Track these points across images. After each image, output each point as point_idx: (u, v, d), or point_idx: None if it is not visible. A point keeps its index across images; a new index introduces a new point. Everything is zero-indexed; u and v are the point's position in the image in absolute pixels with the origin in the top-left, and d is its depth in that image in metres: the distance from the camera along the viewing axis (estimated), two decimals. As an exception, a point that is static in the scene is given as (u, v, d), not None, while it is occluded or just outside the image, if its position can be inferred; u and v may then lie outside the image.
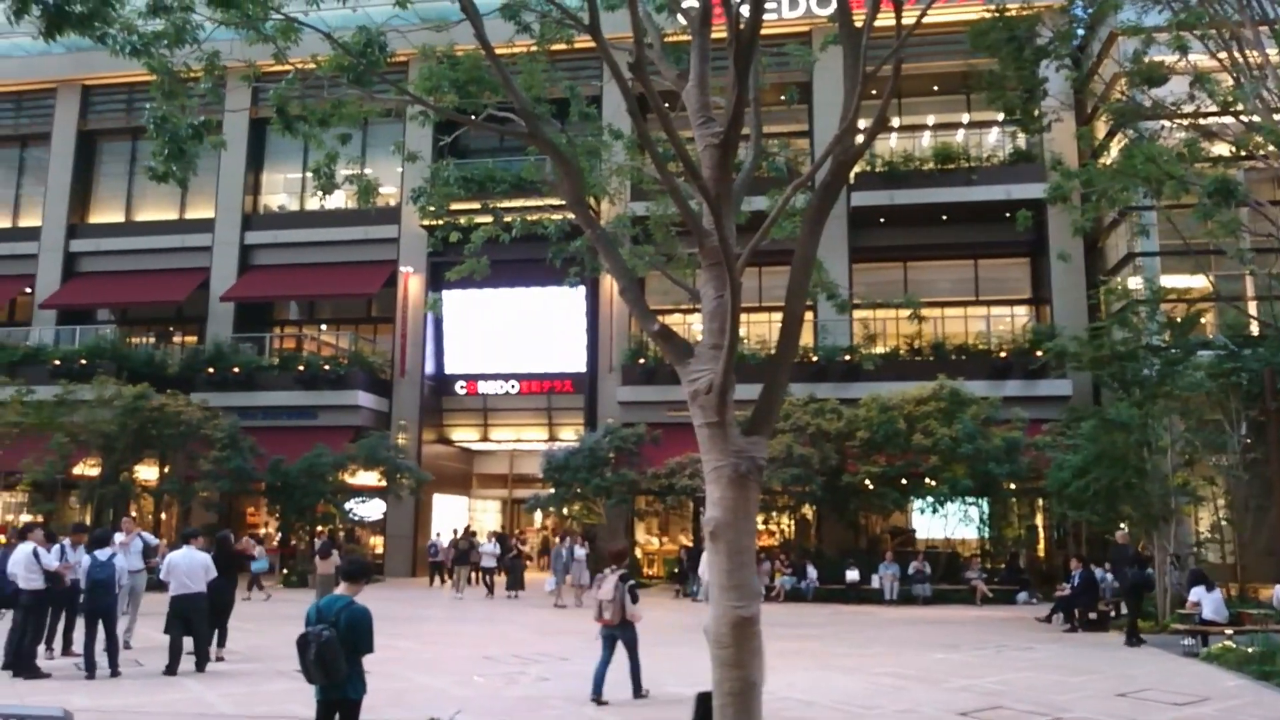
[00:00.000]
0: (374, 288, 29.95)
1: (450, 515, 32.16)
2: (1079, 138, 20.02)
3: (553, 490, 25.83)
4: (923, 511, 24.70)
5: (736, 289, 5.90)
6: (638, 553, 28.08)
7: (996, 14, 13.61)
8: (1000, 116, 24.78)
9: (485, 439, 31.87)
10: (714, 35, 7.05)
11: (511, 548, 25.19)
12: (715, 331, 6.35)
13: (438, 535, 27.71)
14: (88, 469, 25.18)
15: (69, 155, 32.64)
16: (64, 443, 23.98)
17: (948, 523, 24.00)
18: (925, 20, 7.26)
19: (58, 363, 27.94)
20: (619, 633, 10.11)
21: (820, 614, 20.19)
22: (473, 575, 24.58)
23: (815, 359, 25.89)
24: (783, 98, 18.84)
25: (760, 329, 28.15)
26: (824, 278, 10.35)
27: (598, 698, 9.93)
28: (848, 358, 25.93)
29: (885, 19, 6.99)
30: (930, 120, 29.88)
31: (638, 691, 10.23)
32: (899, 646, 15.20)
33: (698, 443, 6.54)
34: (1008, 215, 17.49)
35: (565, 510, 26.54)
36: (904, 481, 23.57)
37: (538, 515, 32.89)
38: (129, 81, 31.76)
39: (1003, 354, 25.99)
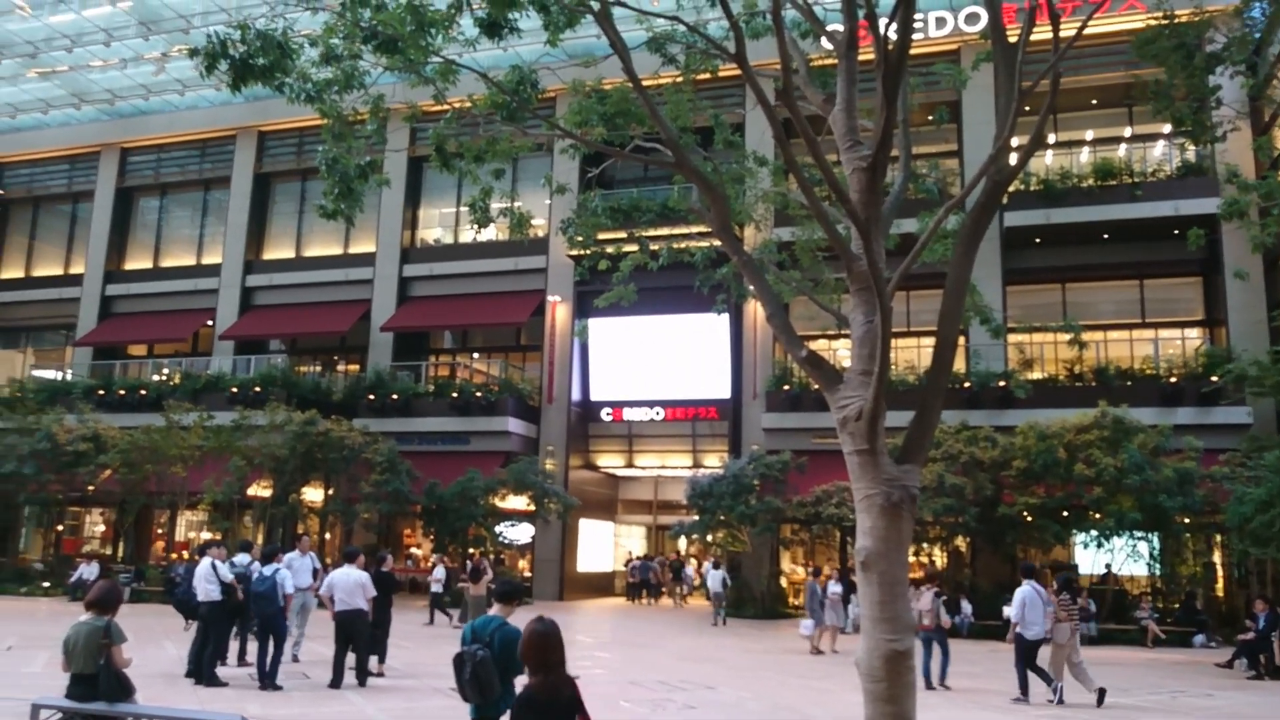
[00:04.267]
0: (523, 317, 30.79)
1: (597, 540, 32.61)
2: (1256, 148, 18.77)
3: (697, 517, 25.81)
4: (1086, 546, 23.40)
5: (887, 314, 5.79)
6: (783, 582, 27.68)
7: (1164, 21, 12.92)
8: (1167, 128, 23.55)
9: (630, 465, 32.16)
10: (860, 58, 6.99)
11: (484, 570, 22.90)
12: (865, 357, 6.24)
13: (639, 558, 30.47)
14: (260, 490, 26.74)
15: (246, 196, 35.06)
16: (240, 465, 25.59)
17: (1114, 558, 22.67)
18: (1083, 31, 6.98)
19: (235, 390, 29.87)
20: (935, 636, 13.80)
21: (976, 650, 19.36)
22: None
23: (968, 385, 25.02)
24: (930, 118, 18.45)
25: (909, 354, 27.46)
26: (978, 301, 10.01)
27: (929, 685, 13.45)
28: (1002, 384, 24.93)
29: (1040, 32, 6.77)
30: (1089, 135, 28.61)
31: (941, 680, 13.88)
32: (1066, 690, 14.38)
33: (847, 470, 6.42)
34: (1176, 232, 16.55)
35: (710, 537, 26.46)
36: (1065, 514, 22.40)
37: (682, 541, 32.90)
38: (299, 126, 33.98)
39: (1173, 379, 24.46)
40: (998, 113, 6.30)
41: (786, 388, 27.31)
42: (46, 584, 26.60)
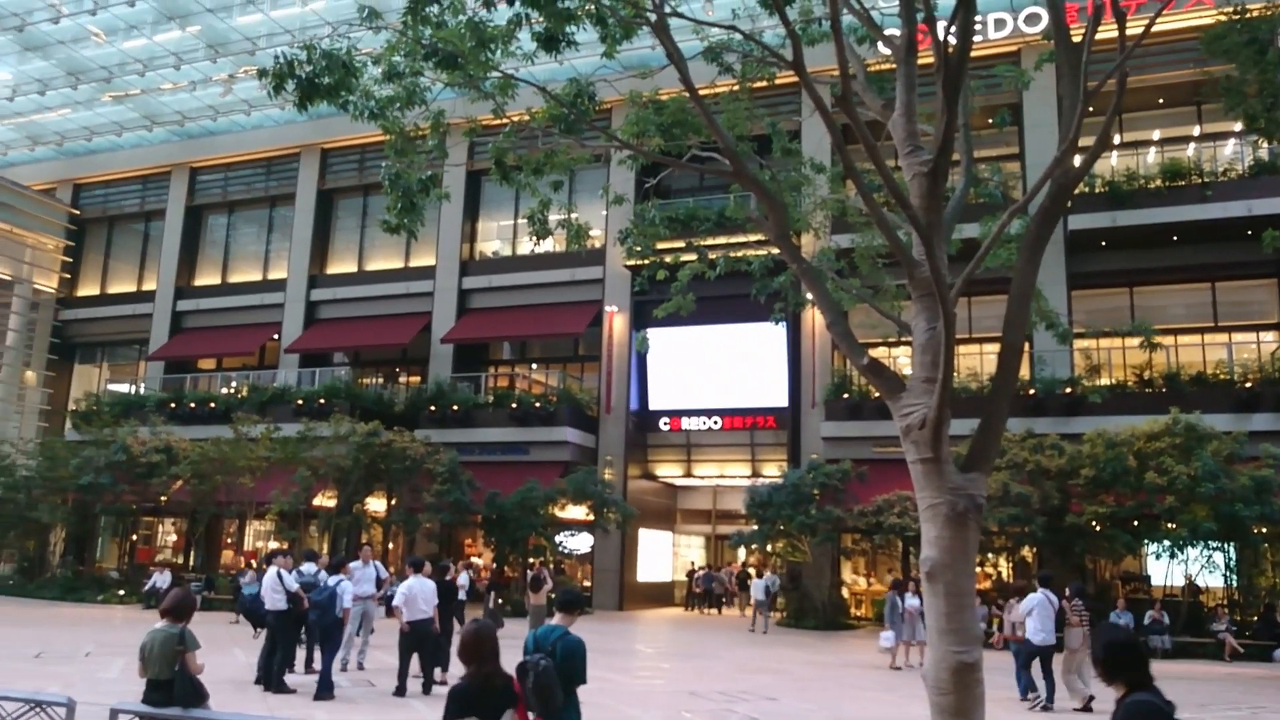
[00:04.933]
0: (581, 327, 30.97)
1: (655, 550, 32.59)
2: (1334, 145, 18.14)
3: (756, 527, 25.66)
4: (1158, 556, 22.76)
5: (950, 320, 5.71)
6: (844, 592, 27.37)
7: (1235, 16, 12.60)
8: (1238, 126, 22.90)
9: (689, 474, 32.11)
10: (919, 62, 6.92)
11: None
12: (928, 364, 6.16)
13: (703, 568, 30.96)
14: (326, 500, 27.23)
15: (310, 212, 35.84)
16: (306, 476, 26.08)
17: (1188, 569, 22.01)
18: (1150, 29, 6.83)
19: (300, 402, 30.49)
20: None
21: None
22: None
23: (1033, 392, 24.54)
24: (990, 121, 18.19)
25: (971, 361, 27.04)
26: (1043, 306, 9.83)
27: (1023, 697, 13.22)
28: (1068, 390, 24.41)
29: (1104, 31, 6.64)
30: (1156, 135, 27.95)
31: (1024, 695, 13.30)
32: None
33: (910, 479, 6.33)
34: (1249, 233, 16.04)
35: (769, 547, 26.29)
36: (1136, 523, 21.82)
37: (741, 551, 32.74)
38: (360, 143, 34.67)
39: (1248, 384, 23.70)
40: (1062, 114, 6.19)
41: (846, 396, 27.06)
42: (122, 591, 27.37)
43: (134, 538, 32.15)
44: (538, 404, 29.55)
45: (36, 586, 28.12)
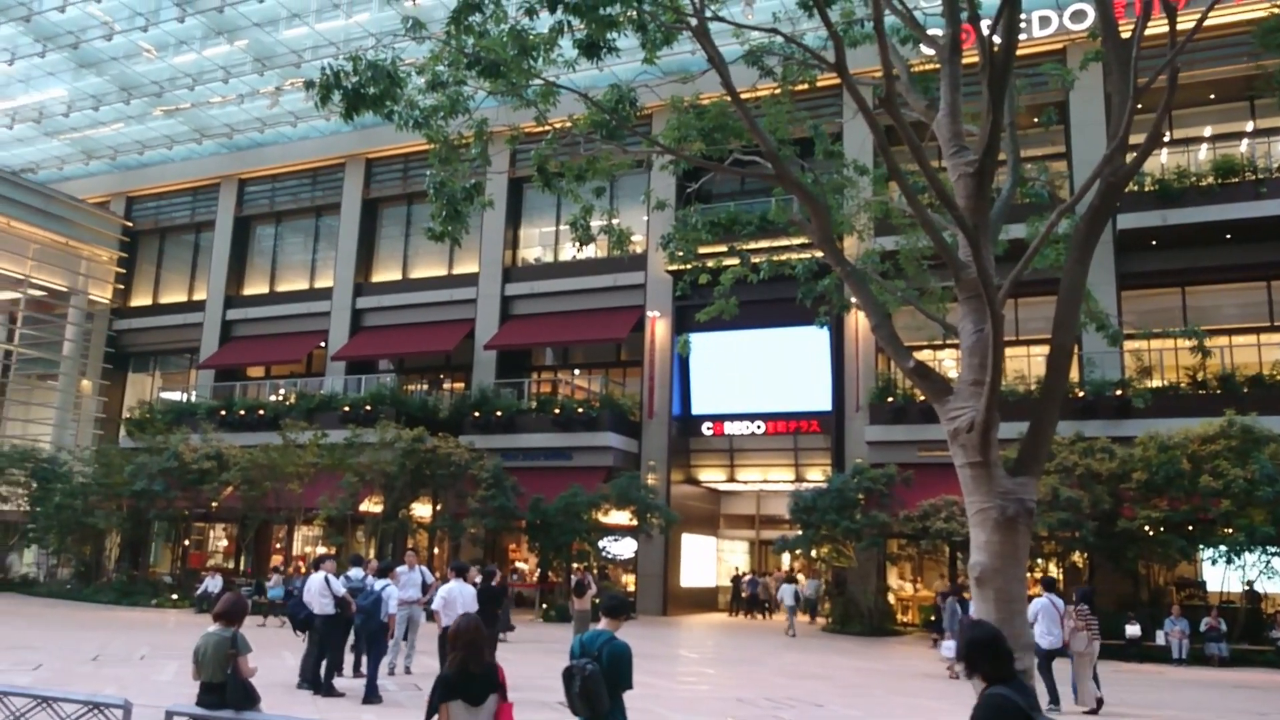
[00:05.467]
0: (623, 332, 31.01)
1: (699, 555, 32.51)
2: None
3: (800, 532, 25.50)
4: (1214, 562, 22.24)
5: (998, 322, 5.64)
6: (890, 598, 27.09)
7: (1287, 9, 12.30)
8: (1293, 121, 22.37)
9: (732, 479, 32.00)
10: (964, 61, 6.85)
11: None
12: (976, 367, 6.09)
13: (748, 574, 31.19)
14: (372, 506, 27.52)
15: (355, 222, 36.32)
16: (352, 482, 26.38)
17: (1245, 575, 21.48)
18: (1202, 24, 6.70)
19: (347, 409, 30.86)
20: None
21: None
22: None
23: (1082, 394, 24.12)
24: (1036, 120, 17.94)
25: (1018, 363, 26.65)
26: (1093, 307, 9.67)
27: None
28: (1119, 392, 23.96)
29: (1153, 27, 6.52)
30: (1207, 131, 27.37)
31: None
32: (1196, 711, 13.73)
33: (959, 483, 6.26)
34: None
35: (814, 553, 26.11)
36: (1190, 528, 21.35)
37: (785, 557, 32.55)
38: (404, 153, 35.08)
39: (1307, 385, 23.10)
40: (1112, 111, 6.11)
41: (890, 400, 26.82)
42: (175, 596, 27.87)
43: (186, 543, 32.75)
44: (580, 409, 29.62)
45: (93, 591, 28.73)
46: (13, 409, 39.67)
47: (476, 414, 30.48)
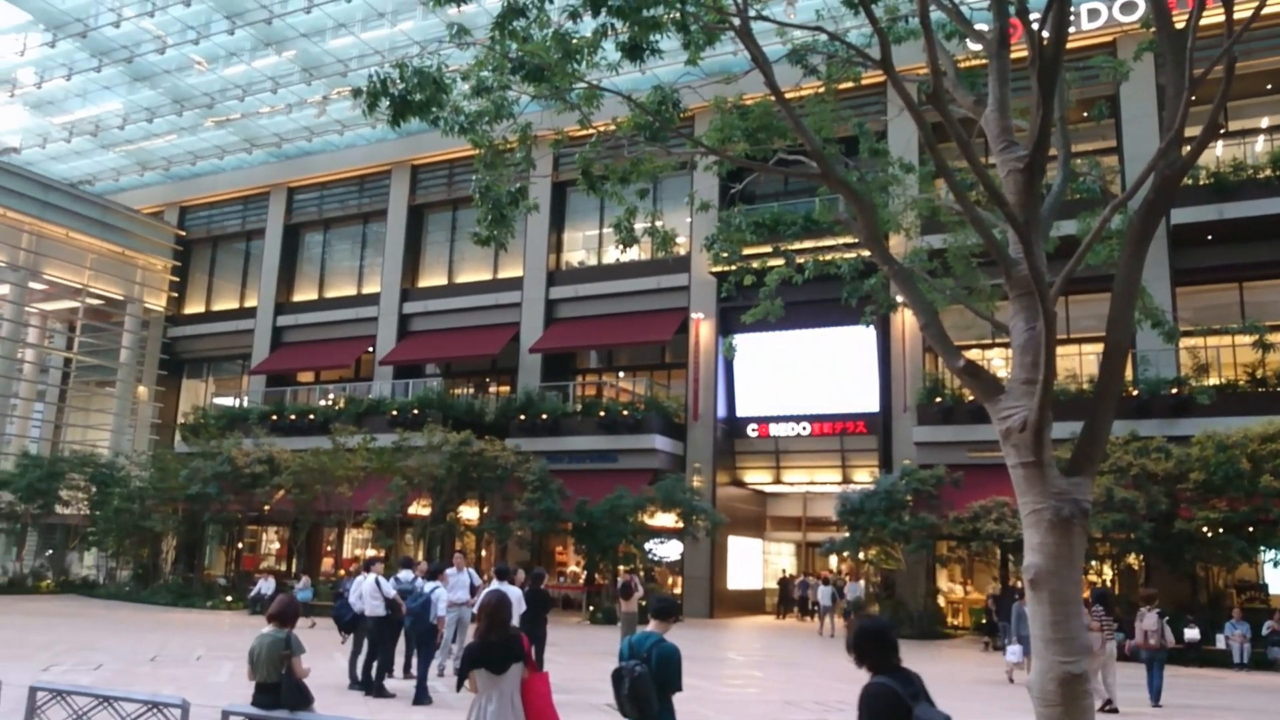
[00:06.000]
0: (667, 335, 31.00)
1: (745, 558, 32.39)
2: None
3: (848, 534, 25.29)
4: (1276, 564, 21.69)
5: (1051, 319, 5.54)
6: (940, 601, 26.75)
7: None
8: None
9: (778, 481, 31.84)
10: (1012, 55, 6.74)
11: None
12: (1028, 365, 5.98)
13: (799, 576, 31.38)
14: (420, 508, 27.79)
15: (401, 228, 36.74)
16: (401, 485, 26.66)
17: (1312, 577, 20.91)
18: (1260, 12, 6.53)
19: (394, 413, 31.20)
20: (1162, 655, 13.88)
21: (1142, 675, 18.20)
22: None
23: (1136, 393, 23.64)
24: (1085, 114, 17.60)
25: (1069, 362, 26.20)
26: (1148, 304, 9.47)
27: (1155, 702, 13.66)
28: (1174, 391, 23.45)
29: (1208, 16, 6.37)
30: (1264, 122, 26.70)
31: (1156, 700, 13.70)
32: (1259, 717, 13.37)
33: (1011, 484, 6.16)
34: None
35: (862, 555, 25.89)
36: (1251, 529, 20.82)
37: (833, 559, 32.30)
38: (449, 159, 35.43)
39: (1373, 382, 22.43)
40: (1167, 103, 5.97)
41: (939, 400, 26.51)
42: (229, 598, 28.37)
43: (239, 546, 33.34)
44: (625, 412, 29.66)
45: (150, 593, 29.35)
46: (73, 415, 40.75)
47: (522, 417, 30.65)
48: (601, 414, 29.88)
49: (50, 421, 40.40)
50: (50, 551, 34.81)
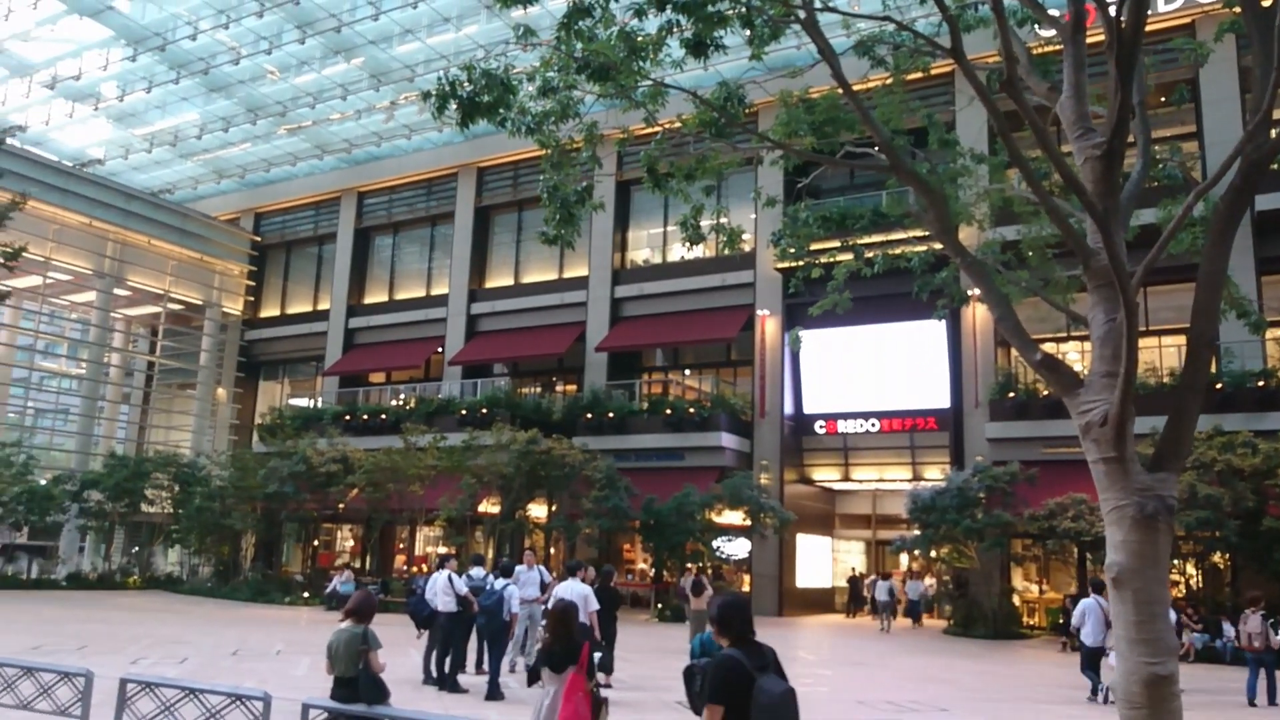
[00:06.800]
0: (733, 332, 30.88)
1: (814, 556, 32.12)
2: None
3: (919, 532, 24.91)
4: (1373, 563, 20.78)
5: (1133, 310, 5.39)
6: (1015, 600, 26.18)
7: None
8: None
9: (846, 478, 31.50)
10: (1088, 40, 6.57)
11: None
12: (1108, 358, 5.83)
13: (872, 575, 31.08)
14: (490, 506, 28.11)
15: (468, 229, 37.21)
16: (471, 483, 26.99)
17: None
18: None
19: (464, 412, 31.60)
20: (1267, 658, 13.99)
21: (1243, 677, 17.57)
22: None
23: (1220, 386, 22.85)
24: (1164, 99, 17.10)
25: (1148, 354, 25.42)
26: (1233, 293, 9.15)
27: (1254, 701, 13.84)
28: (1261, 384, 22.62)
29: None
30: (1357, 103, 25.55)
31: (1272, 700, 13.84)
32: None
33: (1089, 480, 6.01)
34: None
35: (934, 553, 25.48)
36: (1346, 527, 19.98)
37: (903, 558, 31.84)
38: (514, 160, 35.76)
39: None
40: (1254, 85, 5.76)
41: (1011, 395, 25.96)
42: (306, 594, 29.03)
43: (315, 543, 34.09)
44: (692, 410, 29.61)
45: (231, 589, 30.18)
46: (156, 417, 42.11)
47: (589, 416, 30.79)
48: (668, 412, 29.87)
49: (135, 423, 41.83)
50: (136, 549, 36.03)
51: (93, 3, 31.64)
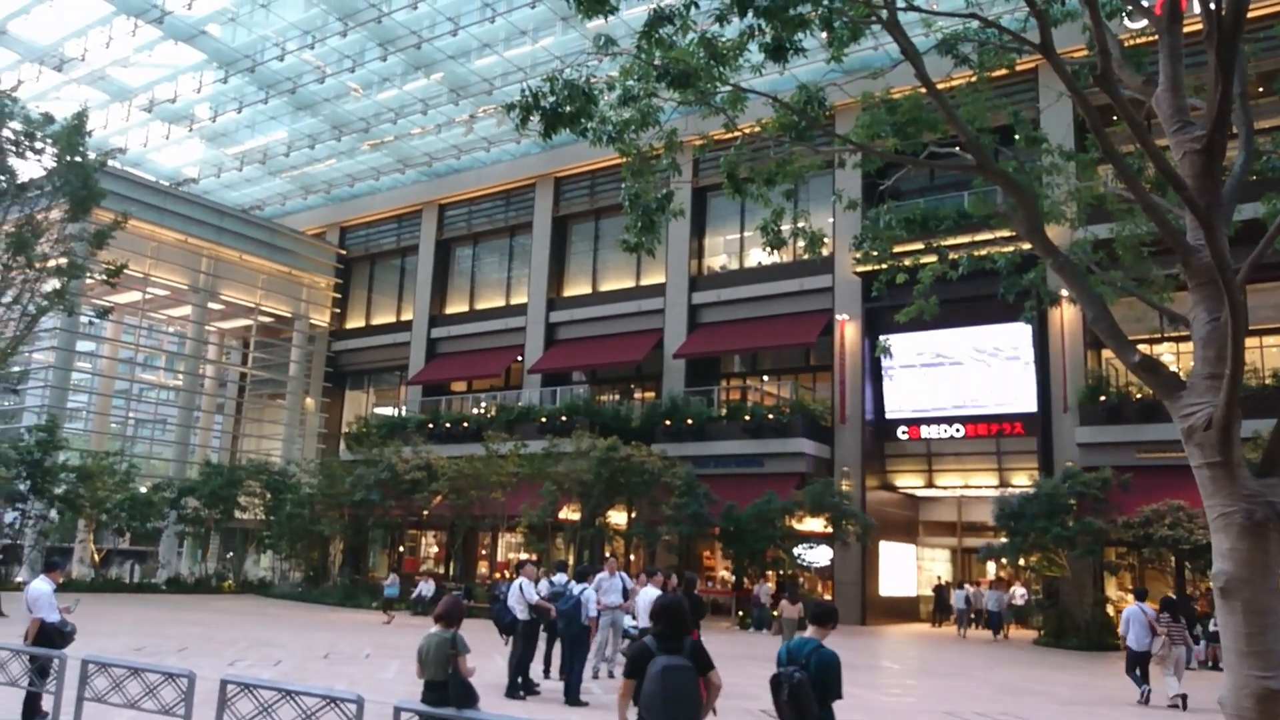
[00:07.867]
0: (811, 337, 30.58)
1: (898, 564, 31.57)
2: None
3: (1006, 539, 24.29)
4: None
5: (1238, 308, 5.18)
6: (1109, 610, 25.32)
7: None
8: None
9: (930, 485, 30.91)
10: (1184, 30, 6.35)
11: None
12: (1212, 359, 5.62)
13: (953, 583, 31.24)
14: (570, 513, 28.31)
15: (546, 239, 37.61)
16: (552, 490, 27.22)
17: None
18: None
19: (544, 420, 31.91)
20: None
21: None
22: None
23: (1329, 387, 21.83)
24: (1260, 90, 16.39)
25: (1249, 354, 24.34)
26: (1344, 290, 8.74)
27: None
28: (1374, 384, 21.54)
29: None
30: None
31: None
32: None
33: (1186, 486, 5.80)
34: None
35: (1022, 561, 24.82)
36: None
37: (990, 565, 31.09)
38: (591, 169, 36.03)
39: None
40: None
41: (1103, 399, 25.17)
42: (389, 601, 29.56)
43: (401, 549, 34.75)
44: (771, 416, 29.39)
45: (320, 593, 30.95)
46: (248, 426, 43.47)
47: (668, 422, 30.79)
48: (747, 418, 29.71)
49: (228, 432, 43.27)
50: (230, 554, 37.23)
51: (187, 28, 32.93)
